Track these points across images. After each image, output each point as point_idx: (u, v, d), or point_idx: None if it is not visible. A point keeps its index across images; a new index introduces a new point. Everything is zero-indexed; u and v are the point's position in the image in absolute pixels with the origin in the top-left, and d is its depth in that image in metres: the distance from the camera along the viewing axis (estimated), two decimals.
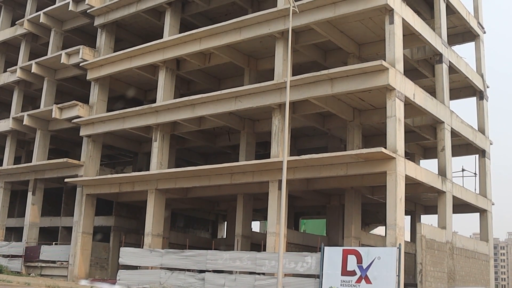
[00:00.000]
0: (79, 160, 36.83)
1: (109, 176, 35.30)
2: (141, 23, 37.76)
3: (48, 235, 43.95)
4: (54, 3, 40.66)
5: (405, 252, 26.55)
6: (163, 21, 35.09)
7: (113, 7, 36.27)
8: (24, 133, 42.16)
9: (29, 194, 40.17)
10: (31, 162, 40.56)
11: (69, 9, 37.88)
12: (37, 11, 41.69)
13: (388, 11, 26.14)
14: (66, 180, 36.63)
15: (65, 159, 36.86)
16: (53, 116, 37.09)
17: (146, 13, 35.65)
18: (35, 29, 41.36)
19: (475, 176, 35.40)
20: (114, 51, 36.70)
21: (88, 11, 37.26)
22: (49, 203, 45.20)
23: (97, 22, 37.30)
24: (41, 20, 39.82)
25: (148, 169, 34.63)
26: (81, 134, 36.50)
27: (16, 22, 42.77)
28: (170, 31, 33.80)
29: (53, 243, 39.87)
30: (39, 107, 40.58)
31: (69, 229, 40.07)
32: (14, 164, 42.33)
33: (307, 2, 27.12)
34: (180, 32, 33.80)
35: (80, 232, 35.62)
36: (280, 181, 26.60)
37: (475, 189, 34.66)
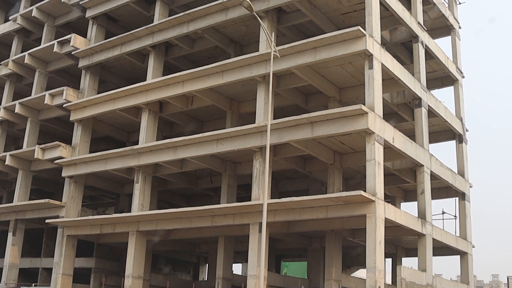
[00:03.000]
0: (61, 200, 36.68)
1: (90, 217, 35.16)
2: (125, 65, 38.14)
3: (28, 276, 43.42)
4: (39, 44, 40.94)
5: None
6: (146, 64, 35.43)
7: (97, 49, 36.64)
8: (6, 173, 41.99)
9: (10, 234, 39.83)
10: (12, 202, 40.32)
11: (54, 51, 38.15)
12: (22, 52, 41.97)
13: (367, 56, 26.65)
14: (47, 221, 36.38)
15: (46, 200, 36.68)
16: (35, 156, 37.04)
17: (130, 56, 36.03)
18: (19, 70, 41.57)
19: (455, 218, 35.64)
20: (98, 93, 36.94)
21: (72, 53, 37.58)
22: (29, 243, 44.82)
23: (82, 63, 37.61)
24: (25, 61, 40.06)
25: (129, 211, 34.56)
26: (63, 175, 36.42)
27: (1, 63, 42.93)
28: (154, 74, 34.15)
29: (33, 284, 39.42)
30: (21, 147, 40.49)
31: (49, 271, 39.68)
32: None
33: (288, 47, 27.61)
34: (163, 75, 34.17)
35: (60, 273, 35.23)
36: (260, 224, 26.68)
37: (455, 232, 34.86)
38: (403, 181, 35.43)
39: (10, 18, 43.23)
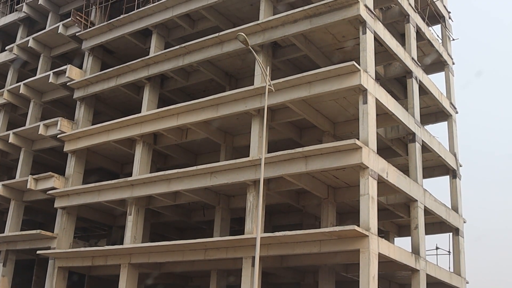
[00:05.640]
0: (53, 232, 36.41)
1: (82, 249, 34.85)
2: (120, 97, 38.20)
3: None
4: (35, 75, 41.06)
5: None
6: (142, 96, 35.52)
7: (93, 80, 36.75)
8: None
9: (0, 265, 39.45)
10: (3, 232, 39.97)
11: (49, 81, 38.19)
12: (17, 82, 42.05)
13: (361, 91, 26.79)
14: (38, 252, 36.04)
15: (38, 231, 36.34)
16: (28, 187, 36.81)
17: (125, 88, 36.12)
18: (14, 100, 41.57)
19: (449, 254, 35.50)
20: (92, 124, 36.94)
21: (68, 84, 37.66)
22: (19, 275, 44.31)
23: (77, 94, 37.66)
24: (21, 91, 40.08)
25: (122, 243, 34.32)
26: (55, 205, 36.20)
27: None
28: (148, 106, 34.20)
29: None
30: (14, 177, 40.32)
31: None
32: None
33: (283, 81, 27.76)
34: (158, 107, 34.23)
35: None
36: (253, 258, 26.51)
37: (449, 268, 34.69)
38: (396, 216, 35.35)
39: (6, 48, 43.39)
